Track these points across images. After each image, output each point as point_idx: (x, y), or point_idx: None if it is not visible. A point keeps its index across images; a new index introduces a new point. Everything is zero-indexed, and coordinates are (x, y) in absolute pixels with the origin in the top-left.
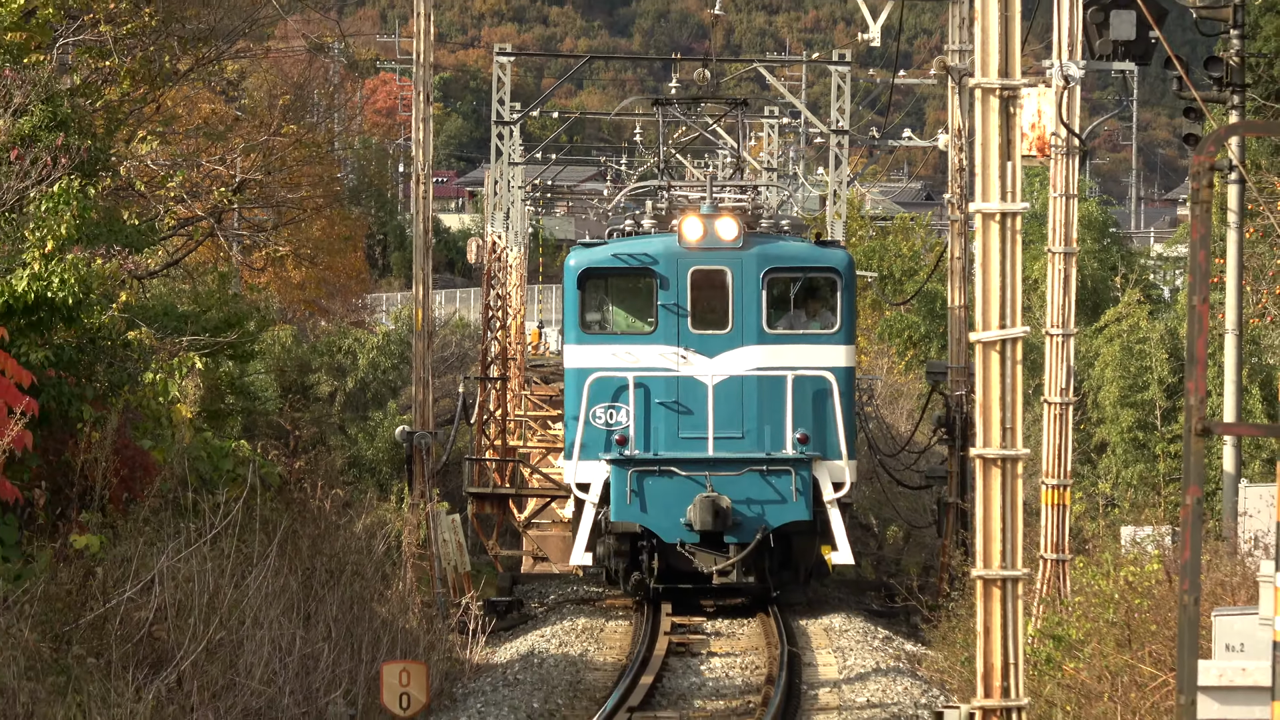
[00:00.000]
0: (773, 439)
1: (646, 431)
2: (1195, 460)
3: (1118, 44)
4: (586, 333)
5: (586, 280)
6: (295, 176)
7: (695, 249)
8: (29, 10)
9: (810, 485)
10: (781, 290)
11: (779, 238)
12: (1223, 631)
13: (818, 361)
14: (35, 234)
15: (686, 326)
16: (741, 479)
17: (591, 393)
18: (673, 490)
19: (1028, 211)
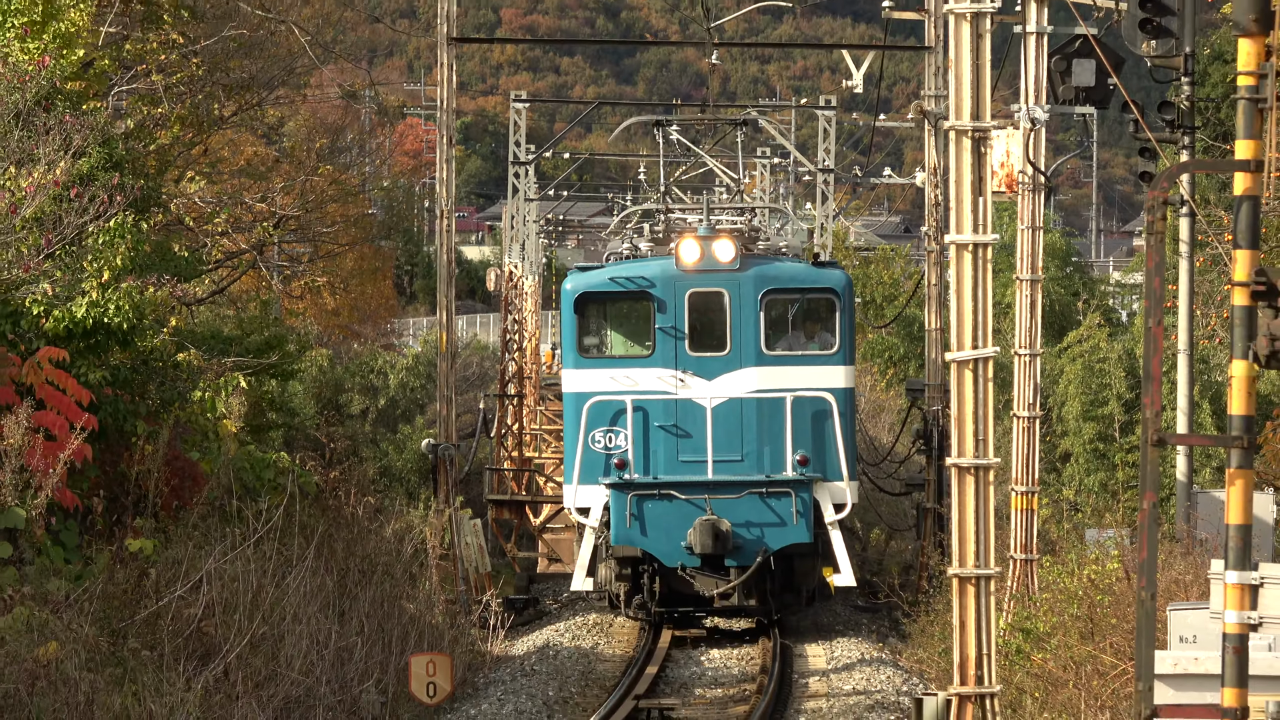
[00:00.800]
0: (773, 461)
1: (646, 455)
2: (1151, 468)
3: (1079, 90)
4: (584, 357)
5: (583, 304)
6: (330, 213)
7: (692, 271)
8: (87, 62)
9: (811, 507)
10: (780, 311)
11: (776, 259)
12: (1177, 624)
13: (817, 383)
14: (93, 265)
15: (684, 349)
16: (741, 501)
17: (590, 417)
18: (672, 514)
19: (997, 242)
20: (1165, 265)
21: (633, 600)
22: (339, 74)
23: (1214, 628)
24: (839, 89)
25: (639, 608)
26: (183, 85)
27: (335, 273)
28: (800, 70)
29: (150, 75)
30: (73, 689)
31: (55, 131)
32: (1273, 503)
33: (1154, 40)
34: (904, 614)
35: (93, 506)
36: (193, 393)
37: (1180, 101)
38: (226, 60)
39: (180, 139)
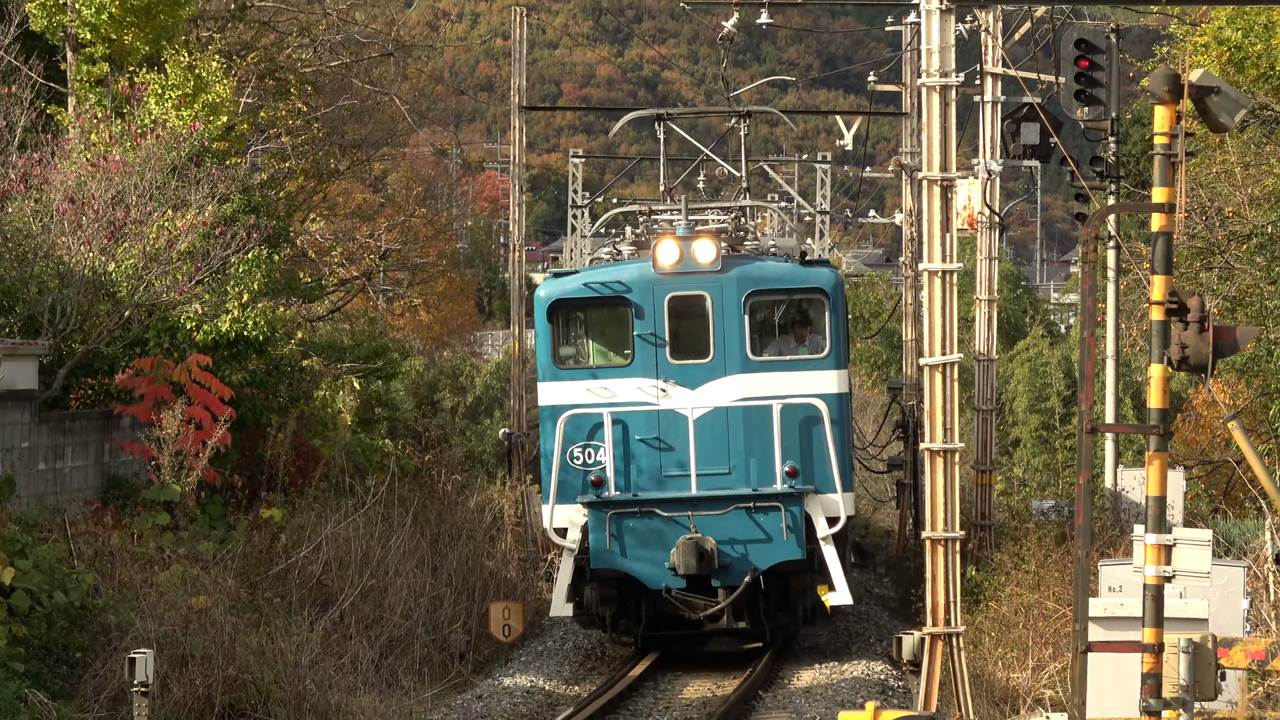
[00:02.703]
0: (760, 473)
1: (626, 470)
2: (1086, 451)
3: (1026, 147)
4: (560, 368)
5: (557, 312)
6: (425, 247)
7: (671, 274)
8: (230, 126)
9: (802, 521)
10: (765, 314)
11: (760, 259)
12: (1107, 577)
13: (807, 388)
14: (235, 289)
15: (665, 357)
16: (727, 518)
17: (566, 432)
18: (655, 532)
19: (961, 270)
20: (1096, 288)
21: (619, 624)
22: (431, 136)
23: (1136, 580)
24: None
25: (625, 632)
26: (306, 145)
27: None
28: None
29: (280, 137)
30: (218, 630)
31: (204, 182)
32: (1182, 479)
33: (1086, 108)
34: (886, 570)
35: (234, 483)
36: (315, 391)
37: (1108, 156)
38: (341, 125)
39: (304, 188)
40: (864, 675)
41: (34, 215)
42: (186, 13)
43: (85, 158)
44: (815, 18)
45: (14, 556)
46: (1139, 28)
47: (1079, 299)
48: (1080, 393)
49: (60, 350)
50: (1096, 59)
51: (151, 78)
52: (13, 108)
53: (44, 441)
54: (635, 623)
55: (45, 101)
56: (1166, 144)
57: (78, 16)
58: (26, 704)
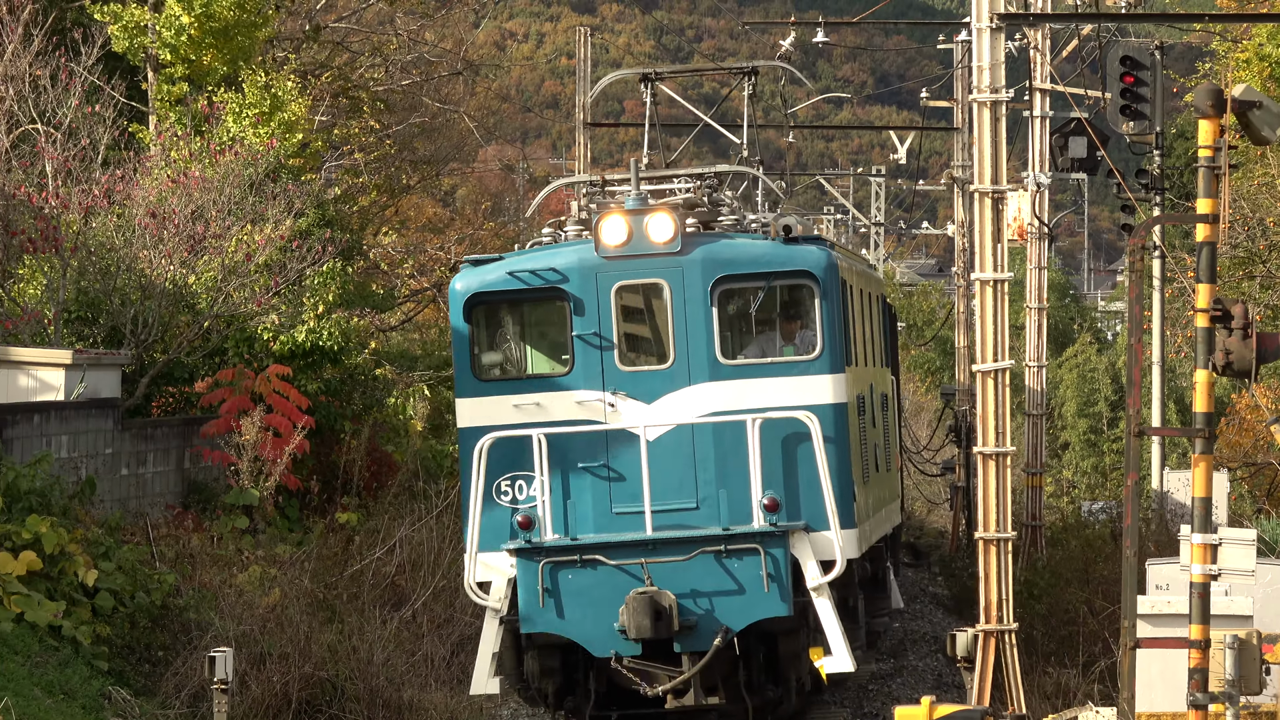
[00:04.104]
0: (735, 508)
1: (565, 508)
2: (1133, 454)
3: (1074, 160)
4: (482, 379)
5: (475, 309)
6: None
7: (619, 258)
8: (305, 143)
9: (787, 568)
10: (739, 306)
11: (731, 236)
12: (1154, 575)
13: (793, 398)
14: (310, 300)
15: (613, 363)
16: (692, 565)
17: (491, 460)
18: (600, 586)
19: (1012, 279)
20: (1142, 296)
21: (565, 702)
22: (499, 151)
23: (1183, 578)
24: (887, 160)
25: (574, 712)
26: (378, 161)
27: None
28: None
29: (353, 153)
30: (295, 629)
31: (280, 197)
32: (1226, 480)
33: (1132, 122)
34: (941, 569)
35: (310, 488)
36: (387, 399)
37: (1153, 169)
38: (412, 141)
39: (376, 202)
40: (919, 671)
41: (117, 230)
42: (263, 34)
43: (166, 174)
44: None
45: (98, 559)
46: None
47: (1125, 307)
48: (1127, 397)
49: (142, 360)
50: (1141, 75)
51: (229, 97)
52: (96, 126)
53: (127, 448)
54: (584, 699)
55: (127, 120)
56: (1210, 157)
57: (158, 38)
58: (110, 701)
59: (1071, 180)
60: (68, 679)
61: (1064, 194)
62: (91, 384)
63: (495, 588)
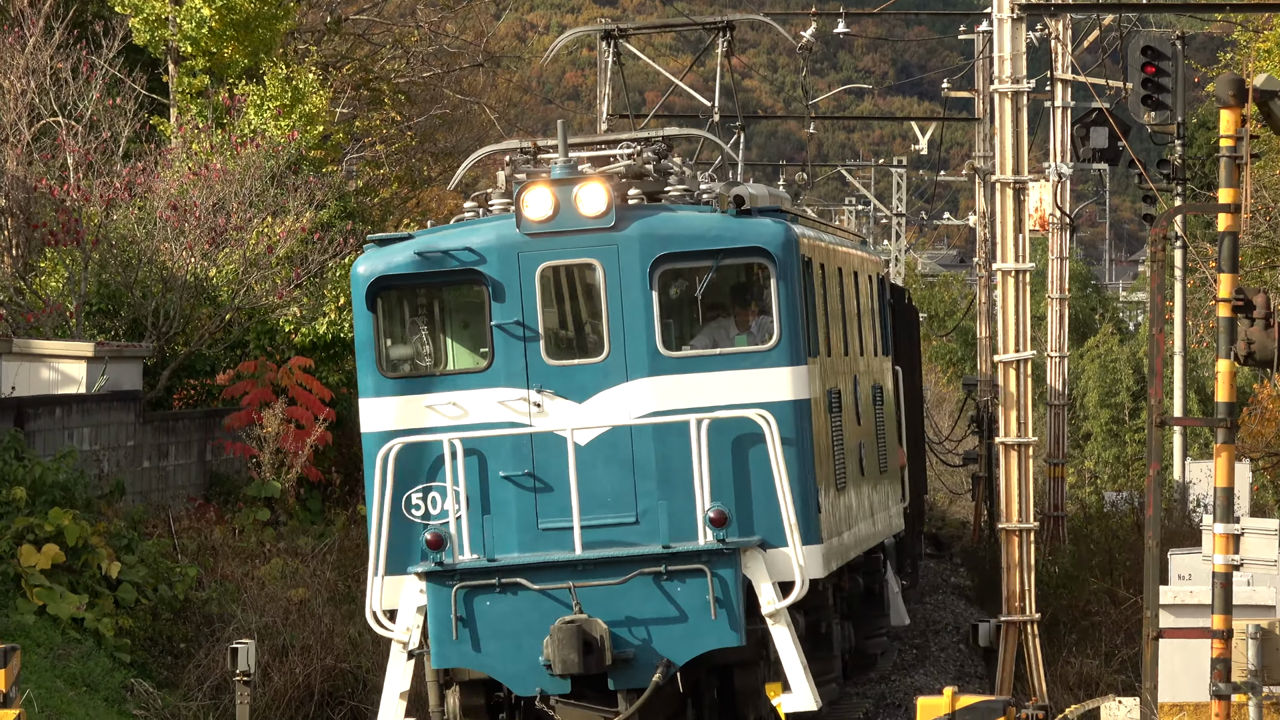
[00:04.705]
0: (679, 522)
1: (484, 524)
2: (1155, 444)
3: (1095, 150)
4: (389, 376)
5: (381, 295)
6: None
7: (543, 235)
8: (326, 135)
9: (738, 591)
10: (684, 289)
11: (673, 209)
12: (1176, 565)
13: (747, 394)
14: (332, 292)
15: (539, 356)
16: (628, 589)
17: (399, 469)
18: (522, 614)
19: (1033, 269)
20: (1164, 286)
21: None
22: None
23: (1205, 568)
24: (908, 151)
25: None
26: (399, 153)
27: None
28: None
29: (375, 145)
30: (317, 621)
31: (302, 189)
32: (1248, 470)
33: (1153, 112)
34: (963, 560)
35: (332, 480)
36: None
37: (1174, 159)
38: (433, 133)
39: (398, 194)
40: (941, 661)
41: (138, 222)
42: (284, 26)
43: (187, 167)
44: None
45: (121, 551)
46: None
47: (1147, 297)
48: (1149, 387)
49: (163, 352)
50: (1163, 65)
51: (250, 89)
52: (117, 119)
53: (148, 440)
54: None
55: (148, 113)
56: (1231, 147)
57: (179, 31)
58: (133, 693)
59: (1093, 170)
60: (90, 671)
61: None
62: (113, 377)
63: (403, 616)
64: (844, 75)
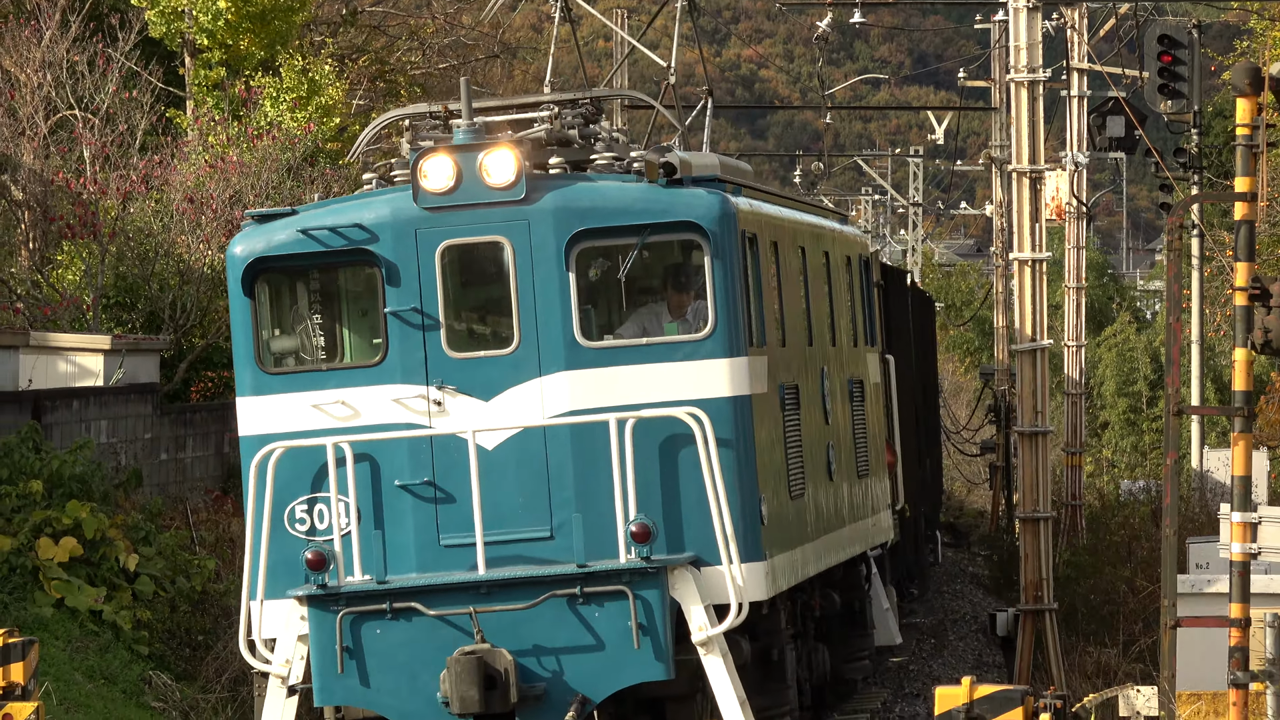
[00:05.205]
0: (598, 538)
1: (376, 540)
2: (1173, 433)
3: (1112, 139)
4: (270, 371)
5: (260, 279)
6: None
7: (444, 209)
8: (342, 127)
9: (665, 615)
10: (606, 270)
11: (593, 178)
12: (1194, 554)
13: (679, 390)
14: None
15: (439, 348)
16: (538, 615)
17: (280, 478)
18: (417, 643)
19: (1050, 259)
20: (1181, 275)
21: None
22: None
23: (1223, 556)
24: (925, 141)
25: None
26: None
27: None
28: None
29: (391, 137)
30: None
31: (318, 181)
32: (1266, 459)
33: (1170, 101)
34: (981, 548)
35: None
36: None
37: (1191, 148)
38: None
39: None
40: (959, 651)
41: (155, 215)
42: (300, 18)
43: (204, 159)
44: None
45: (138, 544)
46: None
47: (1164, 286)
48: (1166, 376)
49: (180, 345)
50: (1179, 54)
51: (267, 81)
52: (134, 112)
53: (166, 433)
54: None
55: (164, 105)
56: (1248, 135)
57: (195, 23)
58: (150, 686)
59: (1109, 159)
60: (108, 664)
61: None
62: (130, 369)
63: (282, 646)
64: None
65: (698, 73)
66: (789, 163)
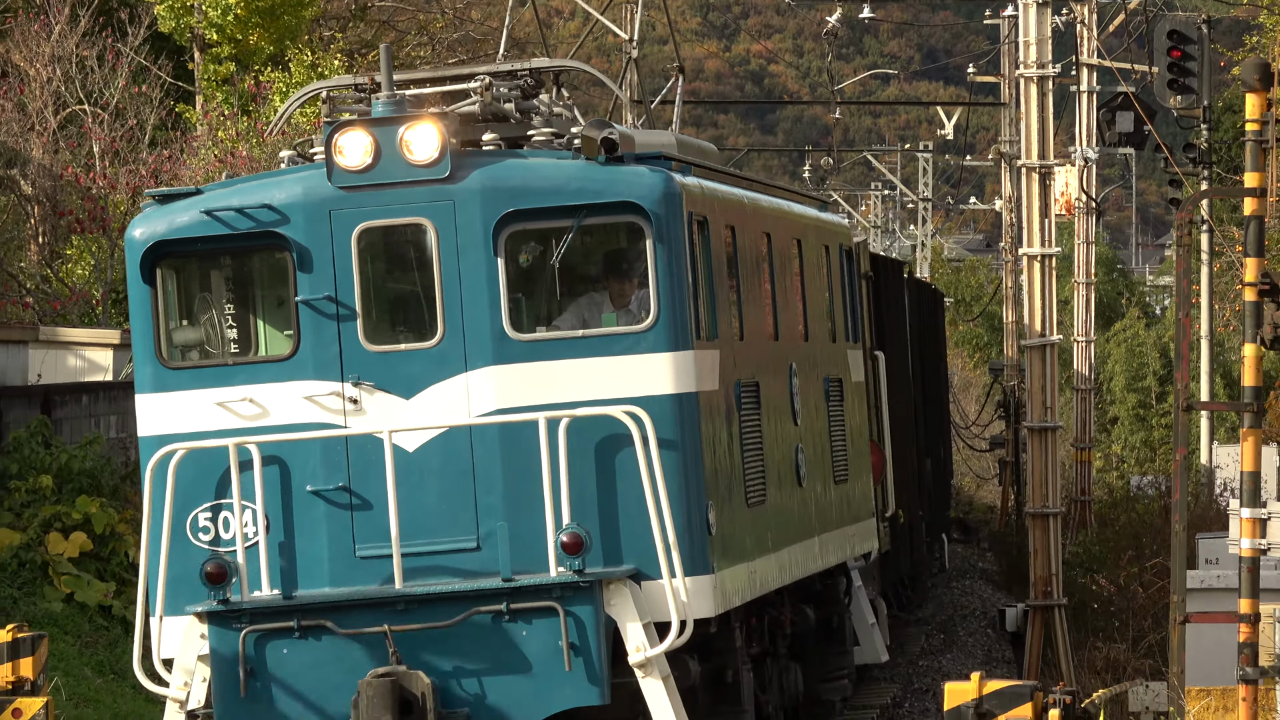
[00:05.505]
0: (527, 549)
1: (286, 551)
2: (1182, 428)
3: (1121, 135)
4: (171, 366)
5: (160, 265)
6: None
7: (361, 188)
8: None
9: (599, 635)
10: (538, 256)
11: (524, 155)
12: (1204, 550)
13: (618, 386)
14: None
15: (356, 341)
16: (459, 633)
17: (182, 483)
18: (328, 664)
19: (1059, 254)
20: (1191, 270)
21: None
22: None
23: (1232, 552)
24: (935, 136)
25: None
26: None
27: None
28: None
29: None
30: None
31: None
32: (1275, 454)
33: (1179, 96)
34: (990, 544)
35: None
36: None
37: (1200, 143)
38: None
39: None
40: (969, 646)
41: None
42: (309, 13)
43: (213, 154)
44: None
45: None
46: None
47: (1174, 281)
48: (1176, 372)
49: None
50: (1188, 49)
51: (276, 76)
52: (143, 107)
53: None
54: None
55: (174, 100)
56: (1257, 130)
57: (204, 18)
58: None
59: (1119, 155)
60: (118, 659)
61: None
62: None
63: (180, 667)
64: (869, 60)
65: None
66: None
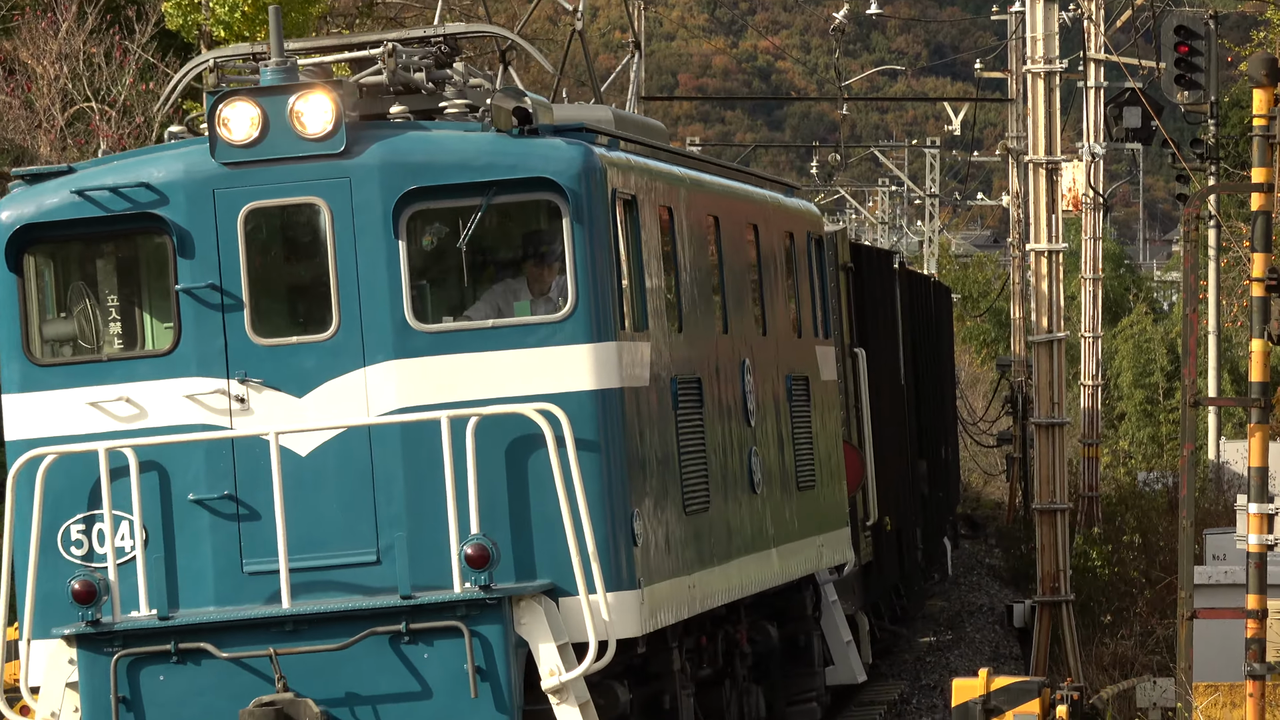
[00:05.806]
0: (430, 562)
1: (165, 566)
2: (1189, 424)
3: (1128, 130)
4: (40, 363)
5: (27, 251)
6: None
7: (247, 164)
8: None
9: (508, 657)
10: (444, 239)
11: (427, 127)
12: (1211, 545)
13: (534, 382)
14: None
15: (243, 333)
16: (354, 657)
17: (52, 492)
18: (208, 691)
19: (1066, 250)
20: (1198, 266)
21: None
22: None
23: (1240, 548)
24: (942, 132)
25: None
26: None
27: None
28: (911, 117)
29: None
30: None
31: None
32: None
33: (1186, 91)
34: (998, 540)
35: None
36: None
37: (1208, 139)
38: None
39: None
40: (976, 643)
41: None
42: (317, 10)
43: None
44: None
45: None
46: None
47: (1181, 277)
48: (1183, 367)
49: None
50: (1196, 45)
51: None
52: (151, 104)
53: None
54: None
55: (181, 98)
56: (1264, 126)
57: (212, 15)
58: None
59: (1126, 150)
60: None
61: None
62: None
63: (48, 695)
64: (877, 56)
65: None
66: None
